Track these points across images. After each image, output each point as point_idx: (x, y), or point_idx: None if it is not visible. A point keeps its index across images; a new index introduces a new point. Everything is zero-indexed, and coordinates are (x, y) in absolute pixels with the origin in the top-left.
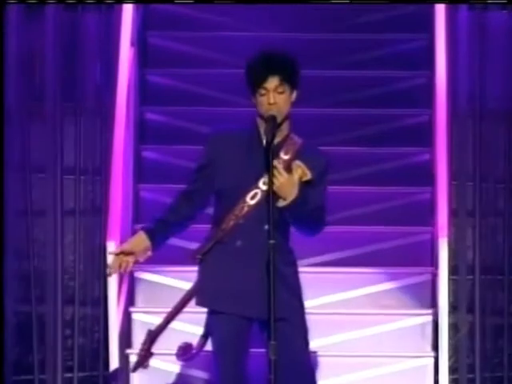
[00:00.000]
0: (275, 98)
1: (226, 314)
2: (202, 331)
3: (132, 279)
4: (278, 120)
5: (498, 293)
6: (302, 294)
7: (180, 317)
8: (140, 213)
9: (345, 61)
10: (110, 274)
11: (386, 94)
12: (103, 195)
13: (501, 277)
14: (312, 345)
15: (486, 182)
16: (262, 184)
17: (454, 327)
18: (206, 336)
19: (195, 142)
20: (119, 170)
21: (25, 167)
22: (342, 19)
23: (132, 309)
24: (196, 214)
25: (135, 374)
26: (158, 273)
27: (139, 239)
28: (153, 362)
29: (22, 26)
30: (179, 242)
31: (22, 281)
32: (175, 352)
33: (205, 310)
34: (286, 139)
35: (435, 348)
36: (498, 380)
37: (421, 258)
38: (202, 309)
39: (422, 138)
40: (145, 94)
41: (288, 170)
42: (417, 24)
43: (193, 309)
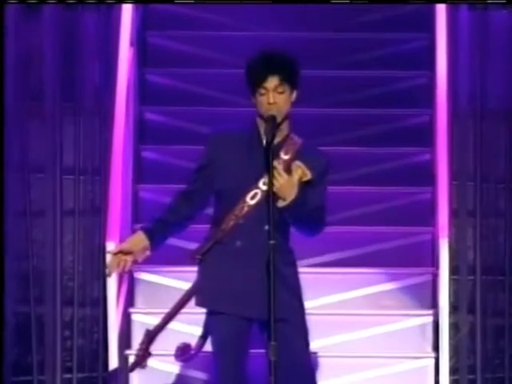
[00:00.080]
0: (275, 97)
1: (226, 315)
2: (201, 332)
3: (131, 280)
4: (278, 120)
5: (499, 293)
6: (302, 295)
7: (178, 317)
8: (139, 213)
9: (345, 60)
10: (110, 274)
11: (386, 93)
12: (103, 195)
13: (502, 277)
14: (312, 345)
15: (487, 182)
16: (262, 184)
17: (454, 328)
18: (204, 337)
19: (195, 142)
20: (118, 170)
21: (24, 167)
22: (343, 19)
23: (131, 309)
24: (195, 214)
25: (134, 375)
26: (157, 273)
27: (138, 238)
28: (152, 363)
29: (21, 26)
30: (178, 242)
31: (21, 281)
32: (173, 353)
33: (203, 310)
34: (285, 139)
35: (436, 349)
36: (499, 381)
37: (421, 259)
38: (201, 309)
39: (423, 137)
40: (144, 93)
41: (288, 170)
42: (417, 24)
43: (191, 309)
